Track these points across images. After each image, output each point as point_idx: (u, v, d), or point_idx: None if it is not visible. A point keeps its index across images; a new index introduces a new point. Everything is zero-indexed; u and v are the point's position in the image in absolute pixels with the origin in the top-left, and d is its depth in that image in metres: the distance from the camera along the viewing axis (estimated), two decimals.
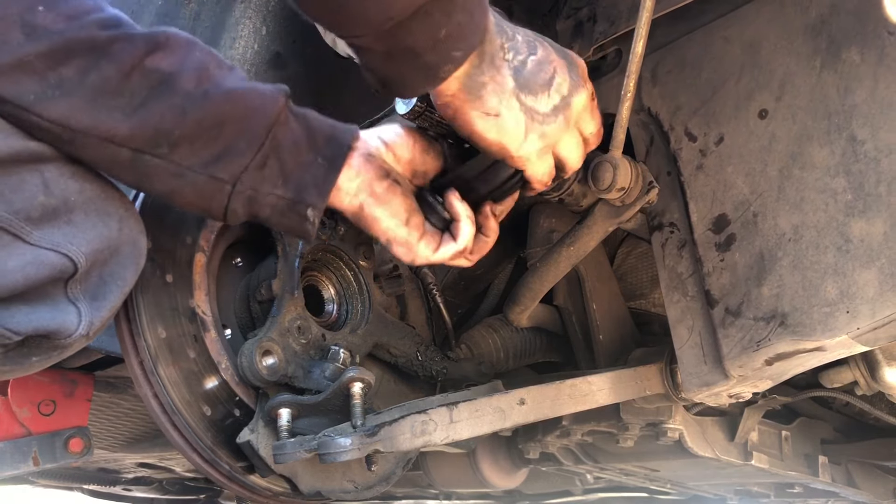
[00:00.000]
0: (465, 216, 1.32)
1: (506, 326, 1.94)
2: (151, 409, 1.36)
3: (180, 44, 1.12)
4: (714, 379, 1.50)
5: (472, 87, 1.19)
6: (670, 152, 1.57)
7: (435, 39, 1.08)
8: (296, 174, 1.17)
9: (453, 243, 1.33)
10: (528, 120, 1.24)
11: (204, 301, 1.43)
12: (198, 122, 1.09)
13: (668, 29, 1.59)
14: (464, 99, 1.20)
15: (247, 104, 1.13)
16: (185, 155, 1.10)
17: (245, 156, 1.12)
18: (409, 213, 1.29)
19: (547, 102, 1.25)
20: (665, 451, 2.01)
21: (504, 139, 1.24)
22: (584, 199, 1.58)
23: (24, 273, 1.02)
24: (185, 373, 1.38)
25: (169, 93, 1.08)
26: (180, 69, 1.09)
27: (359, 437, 1.31)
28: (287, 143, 1.16)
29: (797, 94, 1.41)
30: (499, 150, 1.25)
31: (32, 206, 1.04)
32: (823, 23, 1.38)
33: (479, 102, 1.20)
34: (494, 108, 1.21)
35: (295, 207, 1.18)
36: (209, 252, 1.45)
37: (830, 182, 1.35)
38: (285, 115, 1.16)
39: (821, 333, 1.35)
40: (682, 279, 1.55)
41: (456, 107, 1.20)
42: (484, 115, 1.21)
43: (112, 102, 1.05)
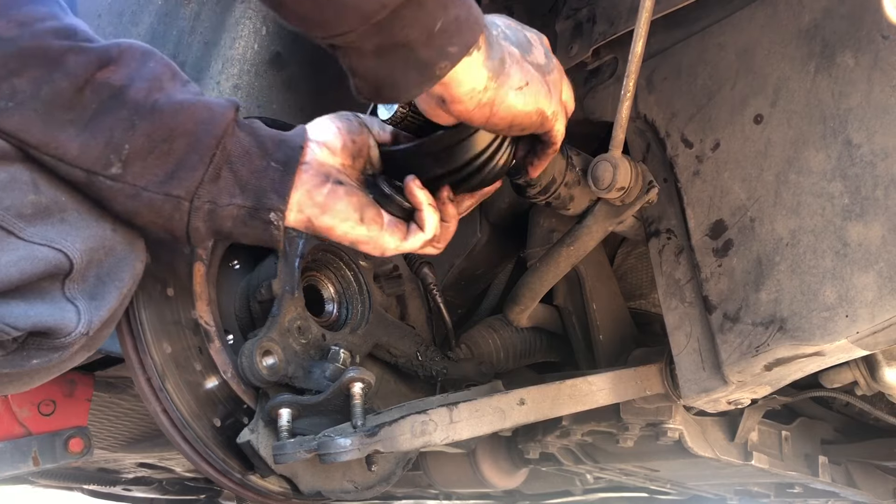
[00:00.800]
0: (426, 204, 1.28)
1: (506, 326, 1.94)
2: (162, 424, 1.37)
3: (134, 56, 1.11)
4: (713, 385, 1.50)
5: (497, 67, 1.13)
6: (667, 159, 1.57)
7: (430, 32, 1.02)
8: (252, 182, 1.15)
9: (421, 233, 1.30)
10: (541, 76, 1.21)
11: (206, 311, 1.43)
12: (147, 135, 1.08)
13: (664, 36, 1.59)
14: (497, 84, 1.14)
15: (196, 117, 1.11)
16: (138, 174, 1.08)
17: (198, 169, 1.10)
18: (360, 210, 1.24)
19: (540, 54, 1.23)
20: (665, 451, 2.01)
21: (540, 103, 1.21)
22: (571, 202, 1.57)
23: (19, 267, 1.01)
24: (192, 386, 1.39)
25: (118, 106, 1.07)
26: (130, 82, 1.08)
27: (359, 438, 1.31)
28: (237, 152, 1.14)
29: (792, 99, 1.41)
30: (539, 118, 1.22)
31: (23, 203, 1.04)
32: (817, 27, 1.38)
33: (509, 80, 1.16)
34: (522, 77, 1.17)
35: (257, 214, 1.15)
36: (208, 260, 1.46)
37: (827, 186, 1.35)
38: (232, 127, 1.14)
39: (820, 338, 1.34)
40: (680, 285, 1.55)
41: (491, 100, 1.15)
42: (518, 91, 1.17)
43: (64, 117, 1.05)
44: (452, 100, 1.12)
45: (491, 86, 1.13)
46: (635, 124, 1.62)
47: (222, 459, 1.39)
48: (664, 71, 1.59)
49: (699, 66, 1.53)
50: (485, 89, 1.12)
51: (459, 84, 1.10)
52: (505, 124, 1.19)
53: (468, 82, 1.10)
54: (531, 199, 1.54)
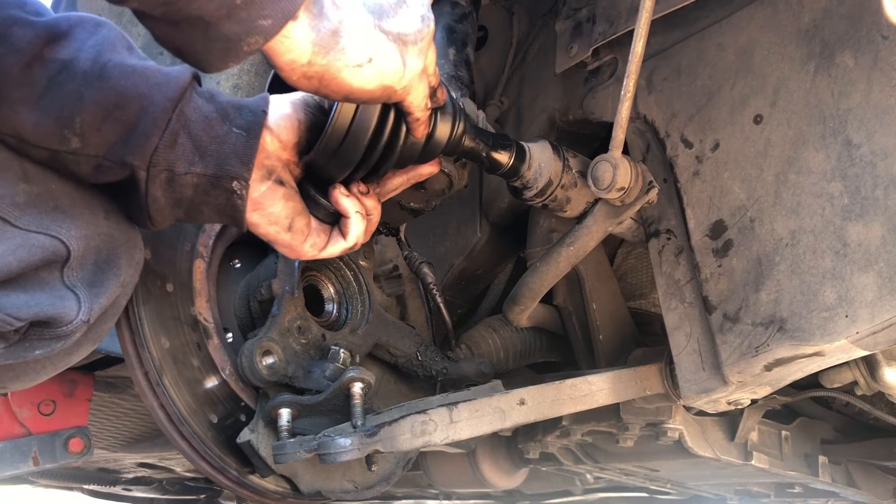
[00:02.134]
0: (353, 212, 1.23)
1: (506, 326, 1.94)
2: (158, 419, 1.37)
3: (85, 27, 1.06)
4: (712, 385, 1.50)
5: (326, 42, 0.99)
6: (666, 159, 1.57)
7: (230, 6, 0.89)
8: (212, 147, 1.09)
9: (342, 241, 1.26)
10: (401, 46, 1.06)
11: (205, 308, 1.44)
12: (97, 103, 1.03)
13: (663, 37, 1.59)
14: (326, 62, 1.00)
15: (148, 80, 1.06)
16: (96, 145, 1.04)
17: (152, 135, 1.05)
18: (291, 217, 1.20)
19: (410, 18, 1.08)
20: (665, 451, 2.01)
21: (386, 80, 1.06)
22: (567, 204, 1.57)
23: (17, 256, 1.01)
24: (189, 382, 1.39)
25: (67, 80, 1.03)
26: (78, 53, 1.04)
27: (359, 438, 1.31)
28: (196, 117, 1.08)
29: (791, 99, 1.41)
30: (383, 93, 1.08)
31: (15, 191, 1.03)
32: (816, 27, 1.38)
33: (345, 55, 1.01)
34: (364, 53, 1.02)
35: (219, 183, 1.10)
36: (208, 257, 1.46)
37: (827, 186, 1.35)
38: (190, 92, 1.08)
39: (820, 338, 1.34)
40: (680, 285, 1.55)
41: (319, 73, 1.01)
42: (356, 68, 1.02)
43: (15, 95, 1.02)
44: (275, 66, 1.00)
45: (317, 61, 0.99)
46: (635, 124, 1.62)
47: (219, 456, 1.39)
48: (664, 71, 1.59)
49: (699, 67, 1.53)
50: (309, 63, 0.99)
51: (277, 54, 0.97)
52: (339, 97, 1.07)
53: (285, 52, 0.97)
54: (528, 202, 1.54)
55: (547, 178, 1.50)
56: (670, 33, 1.58)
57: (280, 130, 1.19)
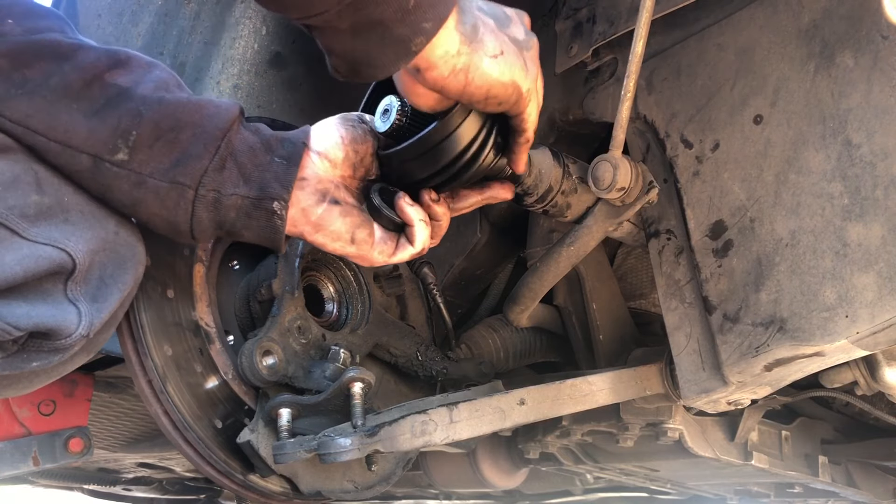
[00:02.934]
0: (417, 220, 1.30)
1: (506, 326, 1.94)
2: (163, 426, 1.37)
3: (141, 64, 1.14)
4: (713, 385, 1.50)
5: (470, 33, 1.11)
6: (666, 159, 1.57)
7: (404, 10, 1.02)
8: (255, 174, 1.17)
9: (410, 248, 1.31)
10: (518, 50, 1.18)
11: (206, 312, 1.44)
12: (154, 122, 1.10)
13: (663, 37, 1.59)
14: (471, 49, 1.11)
15: (202, 111, 1.14)
16: (144, 161, 1.10)
17: (203, 158, 1.12)
18: (351, 231, 1.26)
19: (519, 30, 1.21)
20: (665, 451, 2.01)
21: (515, 76, 1.17)
22: (568, 210, 1.58)
23: (23, 266, 1.02)
24: (193, 388, 1.39)
25: (126, 101, 1.09)
26: (137, 84, 1.11)
27: (359, 438, 1.31)
28: (242, 147, 1.16)
29: (791, 99, 1.41)
30: (515, 92, 1.18)
31: (26, 203, 1.05)
32: (816, 27, 1.38)
33: (483, 46, 1.13)
34: (497, 46, 1.15)
35: (261, 204, 1.17)
36: (208, 261, 1.46)
37: (827, 186, 1.35)
38: (238, 124, 1.17)
39: (820, 338, 1.34)
40: (680, 286, 1.55)
41: (466, 65, 1.12)
42: (493, 59, 1.14)
43: (73, 105, 1.07)
44: (427, 66, 1.10)
45: (464, 50, 1.11)
46: (635, 125, 1.62)
47: (224, 461, 1.39)
48: (664, 72, 1.59)
49: (699, 67, 1.53)
50: (458, 53, 1.10)
51: (433, 48, 1.08)
52: (481, 94, 1.16)
53: (441, 45, 1.08)
54: (528, 208, 1.55)
55: (547, 184, 1.50)
56: (670, 33, 1.58)
57: (328, 150, 1.26)
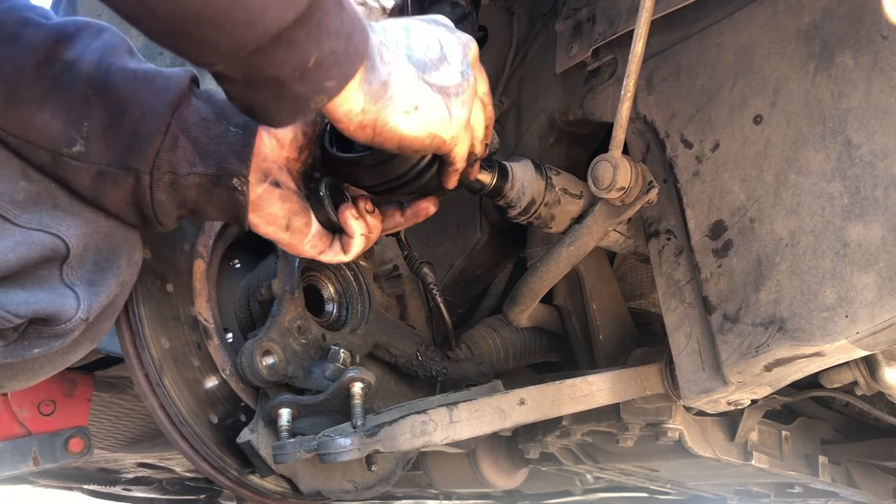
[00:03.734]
0: (359, 234, 1.27)
1: (506, 326, 1.94)
2: (159, 420, 1.37)
3: (89, 31, 1.10)
4: (712, 386, 1.50)
5: (377, 91, 1.06)
6: (666, 159, 1.57)
7: (303, 69, 0.95)
8: (211, 148, 1.12)
9: (342, 255, 1.29)
10: (444, 98, 1.12)
11: (205, 308, 1.43)
12: (103, 108, 1.06)
13: (663, 37, 1.59)
14: (378, 107, 1.06)
15: (148, 86, 1.09)
16: (100, 150, 1.07)
17: (154, 140, 1.08)
18: (288, 217, 1.22)
19: (451, 73, 1.14)
20: (665, 451, 2.01)
21: (434, 128, 1.12)
22: (552, 221, 1.58)
23: (17, 253, 1.01)
24: (190, 382, 1.39)
25: (71, 82, 1.06)
26: (82, 55, 1.07)
27: (359, 438, 1.31)
28: (194, 119, 1.12)
29: (791, 100, 1.41)
30: (432, 143, 1.14)
31: (15, 189, 1.04)
32: (816, 28, 1.38)
33: (394, 102, 1.08)
34: (411, 100, 1.09)
35: (220, 181, 1.13)
36: (208, 258, 1.46)
37: (827, 186, 1.35)
38: (188, 95, 1.12)
39: (820, 338, 1.34)
40: (680, 286, 1.55)
41: (372, 121, 1.07)
42: (405, 114, 1.09)
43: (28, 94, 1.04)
44: (333, 118, 1.06)
45: (369, 108, 1.06)
46: (635, 125, 1.62)
47: (219, 457, 1.39)
48: (663, 72, 1.59)
49: (698, 67, 1.53)
50: (362, 111, 1.05)
51: (335, 107, 1.04)
52: (392, 145, 1.12)
53: (342, 104, 1.04)
54: (513, 220, 1.55)
55: (530, 196, 1.51)
56: (670, 33, 1.58)
57: (276, 131, 1.21)
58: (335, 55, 0.97)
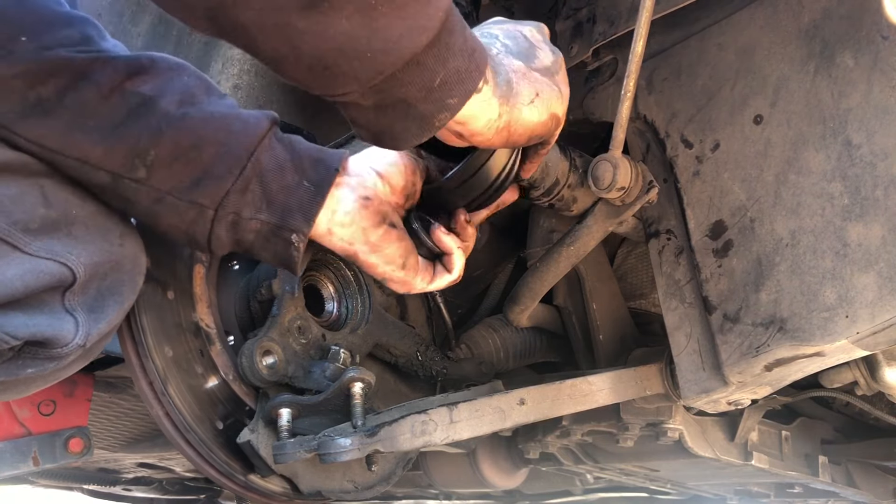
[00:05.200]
0: (455, 248, 1.31)
1: (506, 326, 1.94)
2: (164, 428, 1.37)
3: (168, 67, 1.12)
4: (713, 385, 1.50)
5: (505, 93, 1.11)
6: (666, 159, 1.57)
7: (429, 89, 0.99)
8: (280, 198, 1.14)
9: (448, 275, 1.33)
10: (550, 79, 1.18)
11: (207, 313, 1.43)
12: (175, 142, 1.07)
13: (663, 37, 1.59)
14: (510, 109, 1.11)
15: (228, 128, 1.11)
16: (163, 178, 1.08)
17: (226, 180, 1.10)
18: (405, 256, 1.26)
19: (545, 55, 1.21)
20: (665, 451, 2.01)
21: (553, 109, 1.18)
22: (574, 203, 1.58)
23: (24, 281, 1.01)
24: (194, 389, 1.38)
25: (147, 114, 1.07)
26: (161, 93, 1.08)
27: (359, 438, 1.31)
28: (270, 166, 1.13)
29: (792, 100, 1.41)
30: (554, 122, 1.20)
31: (31, 217, 1.04)
32: (817, 28, 1.38)
33: (520, 98, 1.13)
34: (531, 91, 1.15)
35: (279, 233, 1.15)
36: (208, 262, 1.46)
37: (827, 186, 1.35)
38: (269, 140, 1.14)
39: (820, 338, 1.34)
40: (680, 286, 1.55)
41: (507, 123, 1.12)
42: (530, 106, 1.14)
43: (89, 123, 1.05)
44: (471, 134, 1.10)
45: (504, 111, 1.11)
46: (635, 125, 1.62)
47: (225, 462, 1.39)
48: (664, 71, 1.59)
49: (699, 67, 1.53)
50: (499, 116, 1.10)
51: (476, 120, 1.08)
52: (524, 139, 1.17)
53: (483, 116, 1.08)
54: (535, 202, 1.55)
55: (554, 177, 1.51)
56: (671, 33, 1.58)
57: (390, 175, 1.26)
58: (458, 73, 1.01)
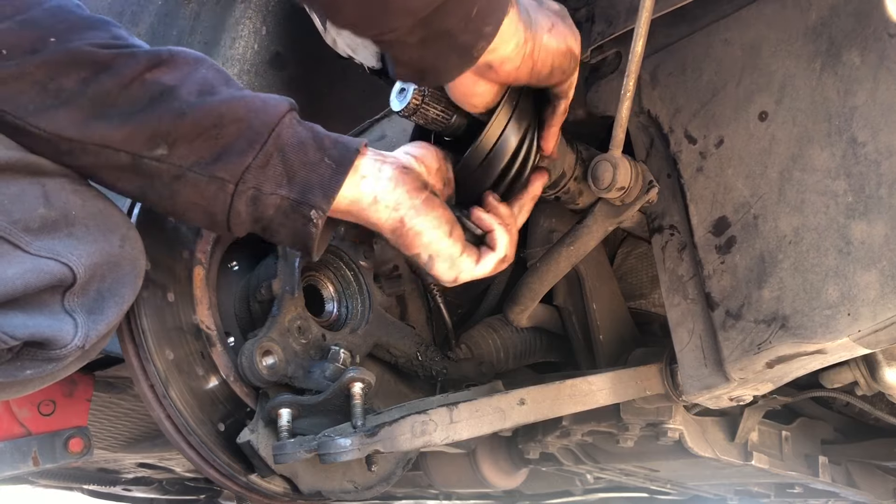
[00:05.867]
0: (496, 224, 1.33)
1: (506, 326, 1.93)
2: (166, 431, 1.37)
3: (186, 61, 1.13)
4: (715, 382, 1.50)
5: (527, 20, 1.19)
6: (670, 155, 1.56)
7: (467, 19, 1.08)
8: (301, 174, 1.15)
9: (493, 253, 1.33)
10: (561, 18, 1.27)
11: (207, 315, 1.43)
12: (196, 122, 1.09)
13: (668, 31, 1.58)
14: (533, 34, 1.20)
15: (248, 106, 1.12)
16: (184, 155, 1.09)
17: (247, 154, 1.11)
18: (451, 224, 1.27)
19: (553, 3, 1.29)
20: (665, 452, 2.01)
21: (569, 41, 1.27)
22: (580, 196, 1.58)
23: (24, 280, 1.02)
24: (195, 391, 1.38)
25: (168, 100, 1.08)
26: (181, 83, 1.10)
27: (359, 438, 1.31)
28: (292, 142, 1.14)
29: (797, 97, 1.40)
30: (571, 56, 1.28)
31: (32, 217, 1.04)
32: (824, 25, 1.38)
33: (539, 26, 1.21)
34: (548, 20, 1.24)
35: (298, 208, 1.15)
36: (207, 263, 1.45)
37: (831, 184, 1.35)
38: (290, 119, 1.15)
39: (822, 336, 1.34)
40: (683, 282, 1.55)
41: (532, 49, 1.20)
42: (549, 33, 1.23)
43: (110, 112, 1.06)
44: (501, 62, 1.17)
45: (529, 36, 1.18)
46: (639, 119, 1.62)
47: (227, 463, 1.39)
48: (669, 66, 1.58)
49: (704, 62, 1.53)
50: (525, 41, 1.18)
51: (506, 45, 1.15)
52: (548, 68, 1.24)
53: (511, 41, 1.16)
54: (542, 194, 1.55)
55: (560, 169, 1.51)
56: (675, 28, 1.57)
57: (424, 158, 1.31)
58: (490, 2, 1.10)
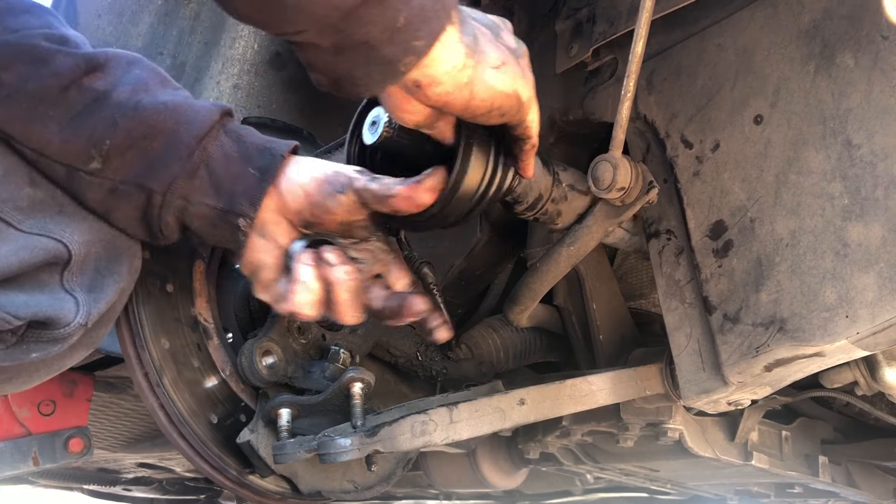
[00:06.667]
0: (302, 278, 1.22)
1: (506, 326, 1.94)
2: (158, 419, 1.37)
3: (120, 64, 1.14)
4: (713, 386, 1.50)
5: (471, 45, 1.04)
6: (666, 159, 1.57)
7: (392, 29, 0.93)
8: (227, 185, 1.16)
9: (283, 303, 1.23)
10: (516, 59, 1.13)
11: (205, 308, 1.44)
12: (128, 131, 1.09)
13: (663, 37, 1.59)
14: (475, 62, 1.04)
15: (178, 117, 1.13)
16: (117, 169, 1.11)
17: (174, 165, 1.12)
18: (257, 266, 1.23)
19: (510, 38, 1.15)
20: (665, 452, 2.01)
21: (517, 85, 1.11)
22: (559, 217, 1.57)
23: (19, 257, 1.03)
24: (189, 382, 1.39)
25: (102, 108, 1.09)
26: (113, 87, 1.10)
27: (359, 438, 1.31)
28: (217, 154, 1.15)
29: (792, 100, 1.40)
30: (517, 102, 1.12)
31: (20, 195, 1.06)
32: (817, 28, 1.38)
33: (486, 57, 1.06)
34: (498, 56, 1.08)
35: (226, 217, 1.17)
36: (208, 258, 1.46)
37: (827, 187, 1.35)
38: (217, 130, 1.16)
39: (820, 339, 1.34)
40: (680, 286, 1.55)
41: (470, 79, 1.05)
42: (496, 70, 1.07)
43: (48, 112, 1.07)
44: (431, 82, 1.02)
45: (469, 63, 1.03)
46: (635, 125, 1.62)
47: (219, 457, 1.39)
48: (664, 71, 1.58)
49: (699, 67, 1.53)
50: (464, 67, 1.03)
51: (439, 63, 1.00)
52: (485, 107, 1.09)
53: (447, 59, 1.01)
54: (520, 216, 1.54)
55: (537, 192, 1.50)
56: (671, 33, 1.58)
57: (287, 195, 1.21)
58: (423, 11, 0.95)
